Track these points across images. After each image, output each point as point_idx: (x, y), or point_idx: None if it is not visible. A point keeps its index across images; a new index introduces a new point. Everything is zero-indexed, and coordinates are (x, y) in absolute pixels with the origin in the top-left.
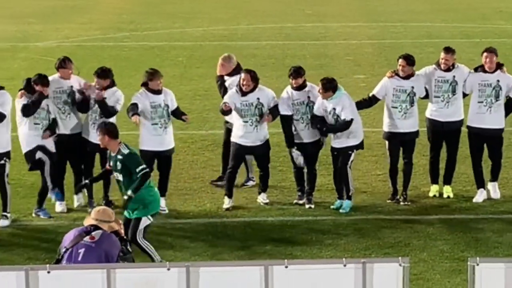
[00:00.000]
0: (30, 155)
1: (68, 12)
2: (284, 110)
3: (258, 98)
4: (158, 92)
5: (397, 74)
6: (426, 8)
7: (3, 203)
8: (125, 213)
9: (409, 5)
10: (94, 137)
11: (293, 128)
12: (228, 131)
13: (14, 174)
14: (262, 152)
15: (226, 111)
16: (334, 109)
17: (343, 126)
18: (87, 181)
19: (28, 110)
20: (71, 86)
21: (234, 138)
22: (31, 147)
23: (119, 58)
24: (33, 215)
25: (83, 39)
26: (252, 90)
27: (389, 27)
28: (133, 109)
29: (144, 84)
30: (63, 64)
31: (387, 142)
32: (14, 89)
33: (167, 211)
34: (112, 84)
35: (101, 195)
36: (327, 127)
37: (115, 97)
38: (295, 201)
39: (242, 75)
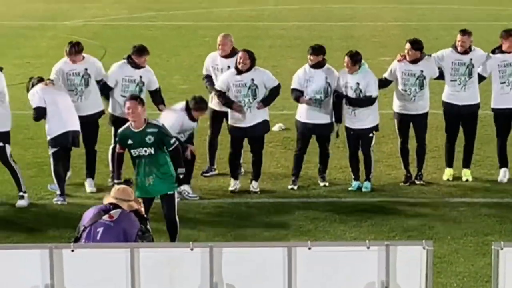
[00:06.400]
0: None
1: None
2: (294, 85)
3: (252, 79)
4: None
5: (406, 58)
6: None
7: (16, 183)
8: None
9: None
10: None
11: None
12: (213, 118)
13: (40, 152)
14: (257, 134)
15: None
16: (358, 83)
17: (368, 102)
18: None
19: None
20: (86, 69)
21: (230, 120)
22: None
23: (146, 38)
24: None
25: (110, 18)
26: (248, 70)
27: (416, 9)
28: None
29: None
30: (74, 50)
31: (396, 122)
32: (42, 67)
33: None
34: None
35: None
36: (350, 99)
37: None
38: (289, 186)
39: (240, 53)
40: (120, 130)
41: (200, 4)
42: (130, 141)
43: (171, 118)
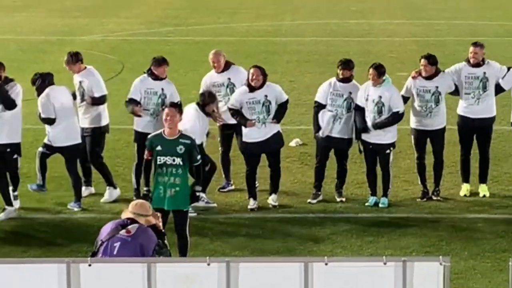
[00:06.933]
0: None
1: (114, 6)
2: (318, 98)
3: (266, 95)
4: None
5: (421, 74)
6: (470, 6)
7: (15, 187)
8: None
9: (454, 3)
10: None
11: (325, 120)
12: (224, 134)
13: (58, 166)
14: (272, 149)
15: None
16: (380, 97)
17: (395, 119)
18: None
19: None
20: (80, 82)
21: (244, 137)
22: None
23: (163, 53)
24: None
25: (127, 33)
26: (260, 86)
27: (433, 25)
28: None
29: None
30: (71, 59)
31: (412, 138)
32: (60, 82)
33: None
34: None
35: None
36: (378, 123)
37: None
38: (308, 200)
39: (251, 70)
40: (150, 135)
41: (218, 19)
42: (159, 147)
43: (195, 123)
